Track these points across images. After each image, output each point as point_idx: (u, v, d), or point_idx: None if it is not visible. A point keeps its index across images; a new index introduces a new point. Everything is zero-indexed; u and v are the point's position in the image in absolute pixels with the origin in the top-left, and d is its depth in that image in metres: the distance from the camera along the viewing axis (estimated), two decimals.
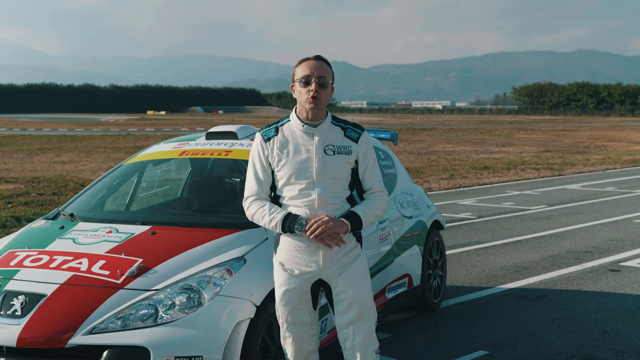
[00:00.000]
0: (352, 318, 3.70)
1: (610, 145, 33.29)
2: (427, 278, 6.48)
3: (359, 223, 3.68)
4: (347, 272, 3.70)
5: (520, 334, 5.89)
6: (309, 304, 3.75)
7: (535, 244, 9.69)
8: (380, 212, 3.79)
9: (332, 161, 3.66)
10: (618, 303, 6.78)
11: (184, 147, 5.52)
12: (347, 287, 3.69)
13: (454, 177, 18.74)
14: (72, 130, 47.07)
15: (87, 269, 4.12)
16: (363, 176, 3.79)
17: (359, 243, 3.81)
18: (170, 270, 4.09)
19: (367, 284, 3.78)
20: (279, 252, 3.75)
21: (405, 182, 6.61)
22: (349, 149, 3.71)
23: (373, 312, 3.78)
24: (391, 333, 5.93)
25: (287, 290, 3.70)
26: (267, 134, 3.74)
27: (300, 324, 3.75)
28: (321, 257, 3.66)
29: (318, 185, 3.64)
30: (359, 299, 3.70)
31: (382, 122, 66.08)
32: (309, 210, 3.64)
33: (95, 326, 3.81)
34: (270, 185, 3.76)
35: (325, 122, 3.72)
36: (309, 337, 3.78)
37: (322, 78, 3.65)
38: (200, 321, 3.87)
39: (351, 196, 3.79)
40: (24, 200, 13.44)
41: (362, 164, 3.77)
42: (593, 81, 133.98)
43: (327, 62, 3.72)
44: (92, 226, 4.67)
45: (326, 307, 3.98)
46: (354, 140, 3.73)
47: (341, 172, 3.69)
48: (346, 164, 3.71)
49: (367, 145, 3.77)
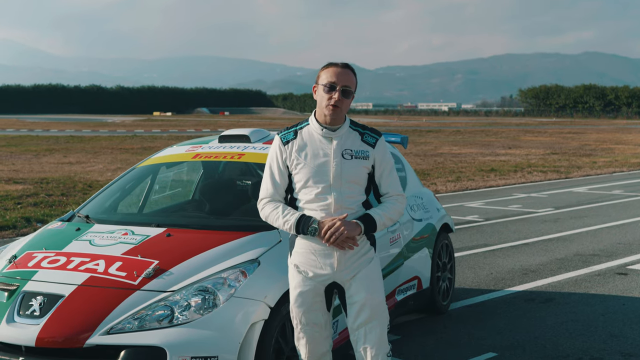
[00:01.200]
0: (364, 320, 3.75)
1: (617, 148, 33.27)
2: (436, 280, 6.54)
3: (373, 225, 3.74)
4: (360, 274, 3.75)
5: (529, 336, 5.94)
6: (323, 305, 3.80)
7: (543, 247, 9.73)
8: (396, 216, 3.84)
9: (349, 165, 3.72)
10: (626, 306, 6.83)
11: (198, 149, 5.59)
12: (360, 290, 3.74)
13: (461, 179, 18.78)
14: (79, 131, 47.27)
15: (104, 270, 4.19)
16: (380, 181, 3.84)
17: (373, 247, 3.86)
18: (186, 272, 4.16)
19: (379, 287, 3.83)
20: (294, 255, 3.81)
21: (415, 185, 6.67)
22: (367, 154, 3.77)
23: (385, 316, 3.83)
24: (400, 334, 5.99)
25: (302, 292, 3.76)
26: (286, 137, 3.80)
27: (313, 326, 3.80)
28: (336, 260, 3.71)
29: (335, 189, 3.69)
30: (371, 302, 3.75)
31: (388, 124, 66.11)
32: (325, 214, 3.69)
33: (113, 326, 3.88)
34: (286, 188, 3.81)
35: (344, 126, 3.78)
36: (322, 339, 3.84)
37: (347, 87, 3.72)
38: (215, 322, 3.94)
39: (367, 201, 3.84)
40: (33, 201, 13.53)
41: (379, 168, 3.82)
42: (600, 83, 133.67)
43: (354, 71, 3.80)
44: (108, 228, 4.74)
45: (339, 308, 4.04)
46: (371, 145, 3.79)
47: (358, 176, 3.75)
48: (363, 168, 3.77)
49: (383, 150, 3.83)
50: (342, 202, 3.70)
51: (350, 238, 3.66)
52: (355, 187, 3.75)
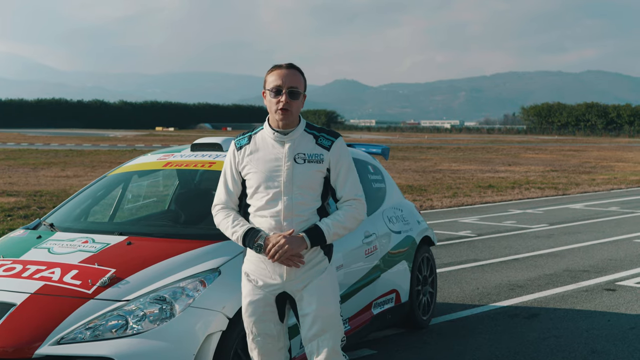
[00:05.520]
0: (316, 332, 3.61)
1: (617, 166, 33.13)
2: (416, 294, 6.40)
3: (321, 238, 3.57)
4: (311, 285, 3.61)
5: (509, 352, 5.80)
6: (275, 316, 3.66)
7: (533, 263, 9.59)
8: (351, 223, 3.65)
9: (301, 170, 3.57)
10: (611, 322, 6.68)
11: (169, 158, 5.49)
12: (311, 301, 3.59)
13: (457, 195, 18.65)
14: (80, 145, 47.26)
15: (58, 279, 4.07)
16: (335, 184, 3.67)
17: (327, 256, 3.69)
18: (143, 280, 4.04)
19: (332, 298, 3.66)
20: (245, 262, 3.69)
21: (395, 197, 6.55)
22: (321, 157, 3.60)
23: (339, 329, 3.67)
24: (377, 349, 5.85)
25: (252, 302, 3.64)
26: (240, 143, 3.68)
27: (265, 336, 3.67)
28: (285, 271, 3.58)
29: (286, 195, 3.56)
30: (323, 314, 3.60)
31: (390, 141, 66.06)
32: (274, 222, 3.56)
33: (64, 336, 3.75)
34: (239, 195, 3.70)
35: (297, 130, 3.63)
36: (275, 350, 3.70)
37: (293, 89, 3.57)
38: (170, 333, 3.81)
39: (323, 207, 3.68)
40: (24, 213, 13.45)
41: (334, 172, 3.64)
42: (602, 102, 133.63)
43: (300, 70, 3.64)
44: (69, 236, 4.62)
45: None
46: (326, 148, 3.61)
47: (311, 181, 3.59)
48: (317, 172, 3.60)
49: (339, 152, 3.64)
50: (292, 209, 3.56)
51: (295, 255, 3.52)
52: (308, 192, 3.59)
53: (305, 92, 3.68)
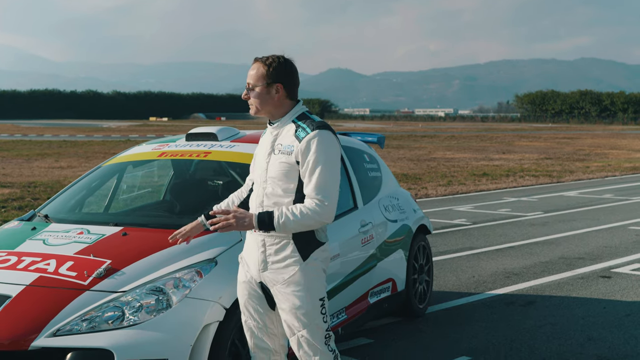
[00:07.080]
0: (294, 329, 3.56)
1: (611, 153, 33.19)
2: (412, 283, 6.40)
3: (270, 224, 3.41)
4: (281, 286, 3.53)
5: (505, 339, 5.81)
6: (263, 302, 3.64)
7: (528, 250, 9.61)
8: (307, 220, 3.41)
9: (272, 160, 3.55)
10: (606, 309, 6.70)
11: (164, 148, 5.47)
12: (283, 300, 3.54)
13: (452, 183, 18.66)
14: (73, 136, 47.10)
15: (54, 270, 4.05)
16: (303, 179, 3.48)
17: (301, 254, 3.51)
18: (139, 271, 4.02)
19: (306, 297, 3.50)
20: (244, 246, 3.75)
21: (390, 186, 6.53)
22: (291, 149, 3.48)
23: (316, 327, 3.53)
24: (374, 338, 5.85)
25: (241, 282, 3.70)
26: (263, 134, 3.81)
27: (253, 319, 3.68)
28: (258, 258, 3.58)
29: (261, 185, 3.59)
30: (297, 312, 3.51)
31: (384, 129, 66.06)
32: (252, 210, 3.63)
33: (60, 328, 3.73)
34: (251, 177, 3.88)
35: (283, 120, 3.58)
36: (264, 334, 3.68)
37: (248, 84, 3.58)
38: (166, 323, 3.80)
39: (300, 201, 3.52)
40: (18, 204, 13.40)
41: (303, 166, 3.47)
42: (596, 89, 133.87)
43: (263, 61, 3.55)
44: (64, 227, 4.60)
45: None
46: (298, 139, 3.48)
47: (278, 172, 3.50)
48: (283, 164, 3.49)
49: (309, 144, 3.44)
50: (261, 199, 3.55)
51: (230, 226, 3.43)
52: (278, 184, 3.50)
53: (276, 81, 3.53)
